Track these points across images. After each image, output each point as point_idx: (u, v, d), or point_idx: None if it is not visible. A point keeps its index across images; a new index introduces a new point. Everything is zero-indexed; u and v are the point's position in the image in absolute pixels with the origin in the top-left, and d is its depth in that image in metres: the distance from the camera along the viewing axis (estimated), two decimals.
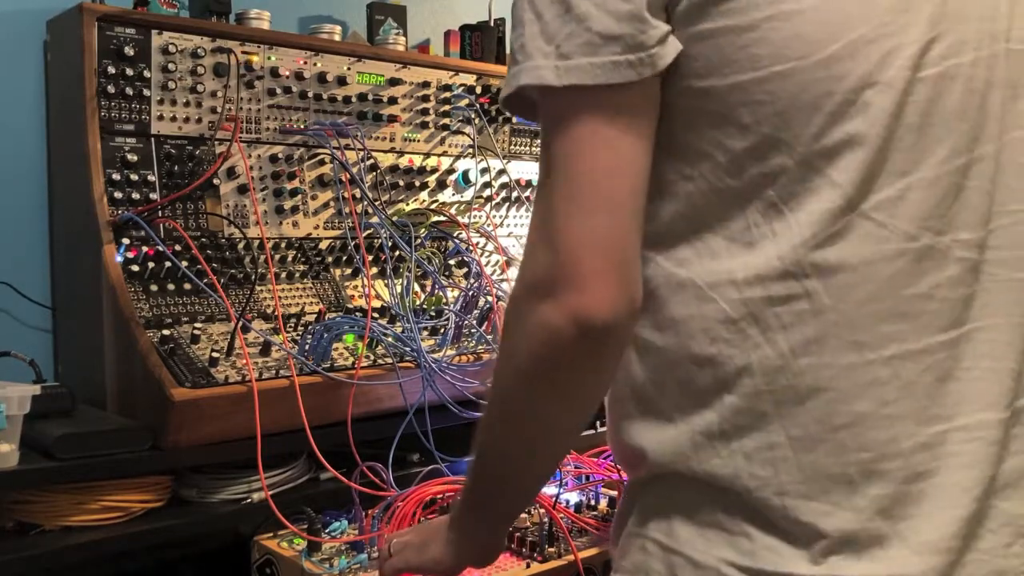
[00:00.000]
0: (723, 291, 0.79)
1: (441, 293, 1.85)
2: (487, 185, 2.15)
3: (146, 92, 1.68)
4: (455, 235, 1.98)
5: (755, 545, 0.79)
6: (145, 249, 1.61)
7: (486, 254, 2.05)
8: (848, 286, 0.77)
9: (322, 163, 1.91)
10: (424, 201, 2.06)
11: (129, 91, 1.66)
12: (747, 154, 0.78)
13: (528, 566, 1.33)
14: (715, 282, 0.80)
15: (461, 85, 2.12)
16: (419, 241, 1.88)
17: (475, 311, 1.80)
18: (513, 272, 2.02)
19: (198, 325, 1.58)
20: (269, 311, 1.68)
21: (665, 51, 0.76)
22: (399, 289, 1.79)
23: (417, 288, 1.86)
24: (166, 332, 1.52)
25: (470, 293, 1.82)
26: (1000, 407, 0.82)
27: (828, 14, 0.76)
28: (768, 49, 0.76)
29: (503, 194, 2.21)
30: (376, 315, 1.70)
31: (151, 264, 1.60)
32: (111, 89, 1.63)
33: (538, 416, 0.86)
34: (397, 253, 1.88)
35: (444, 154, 2.11)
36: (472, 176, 2.13)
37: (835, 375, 0.78)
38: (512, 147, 2.26)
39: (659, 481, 0.85)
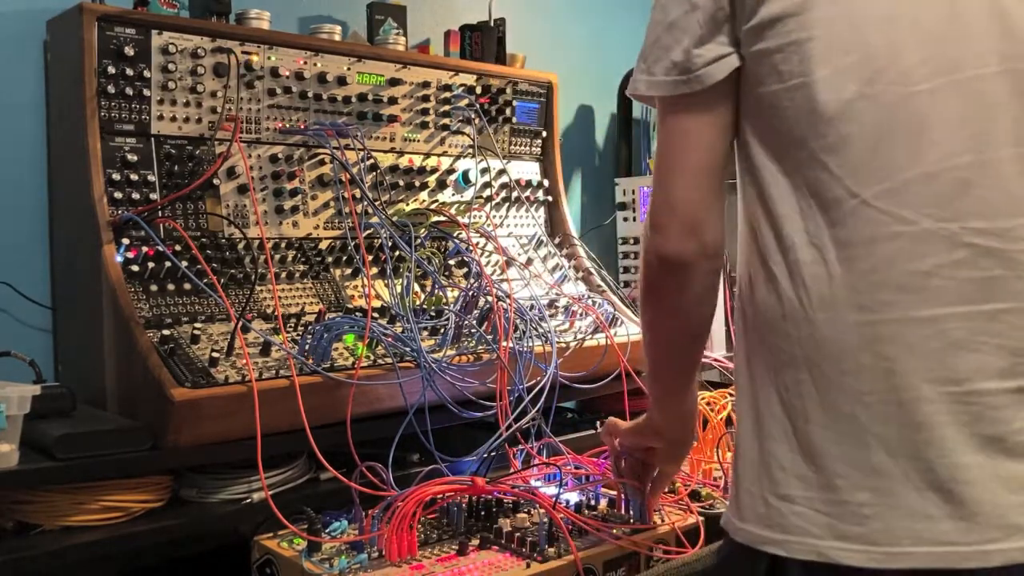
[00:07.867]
0: (774, 256, 1.03)
1: (441, 293, 1.85)
2: (487, 185, 2.15)
3: (146, 92, 1.68)
4: (455, 235, 1.98)
5: (786, 475, 1.01)
6: (145, 249, 1.61)
7: (486, 254, 2.05)
8: (853, 259, 0.98)
9: (322, 163, 1.91)
10: (424, 201, 2.06)
11: (129, 91, 1.66)
12: (781, 147, 1.03)
13: (528, 566, 1.33)
14: (770, 251, 1.04)
15: (461, 85, 2.13)
16: (419, 241, 1.88)
17: (475, 311, 1.80)
18: (512, 272, 2.04)
19: (198, 325, 1.58)
20: (269, 311, 1.68)
21: (714, 70, 1.04)
22: (399, 289, 1.79)
23: (417, 288, 1.86)
24: (166, 332, 1.52)
25: (470, 293, 1.82)
26: (1006, 379, 0.95)
27: (828, 43, 0.98)
28: (787, 67, 1.00)
29: (503, 194, 2.21)
30: (376, 315, 1.70)
31: (151, 264, 1.60)
32: (111, 89, 1.63)
33: (655, 321, 1.20)
34: (397, 253, 1.87)
35: (444, 154, 2.11)
36: (472, 176, 2.13)
37: (844, 329, 0.98)
38: (512, 147, 2.26)
39: (751, 425, 1.07)
